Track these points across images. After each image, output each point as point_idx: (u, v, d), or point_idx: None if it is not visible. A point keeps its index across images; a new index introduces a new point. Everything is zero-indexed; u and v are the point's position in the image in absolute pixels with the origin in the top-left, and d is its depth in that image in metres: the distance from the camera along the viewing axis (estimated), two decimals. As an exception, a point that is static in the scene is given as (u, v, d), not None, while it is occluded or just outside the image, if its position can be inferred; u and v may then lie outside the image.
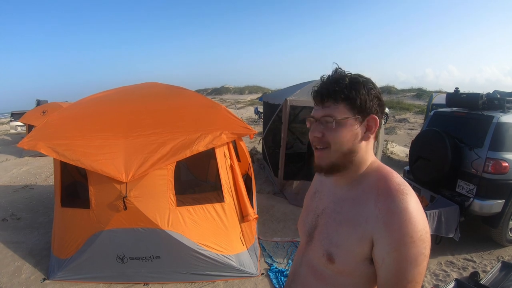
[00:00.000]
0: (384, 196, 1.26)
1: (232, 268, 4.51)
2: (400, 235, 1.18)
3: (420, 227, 1.19)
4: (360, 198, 1.34)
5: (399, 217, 1.19)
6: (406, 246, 1.17)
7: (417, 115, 24.80)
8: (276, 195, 7.91)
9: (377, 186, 1.31)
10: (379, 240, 1.23)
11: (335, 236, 1.38)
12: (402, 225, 1.18)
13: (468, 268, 5.01)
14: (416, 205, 1.23)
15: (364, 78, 1.34)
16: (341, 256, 1.34)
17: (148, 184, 4.22)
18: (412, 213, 1.19)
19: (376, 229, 1.24)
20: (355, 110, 1.32)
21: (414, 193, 1.27)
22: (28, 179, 10.54)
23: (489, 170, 5.12)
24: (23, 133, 17.69)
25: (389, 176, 1.33)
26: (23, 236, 6.03)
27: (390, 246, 1.20)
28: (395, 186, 1.27)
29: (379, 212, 1.24)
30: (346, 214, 1.37)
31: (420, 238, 1.18)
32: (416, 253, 1.18)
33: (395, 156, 11.66)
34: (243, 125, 4.77)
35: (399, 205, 1.21)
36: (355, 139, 1.34)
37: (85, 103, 5.57)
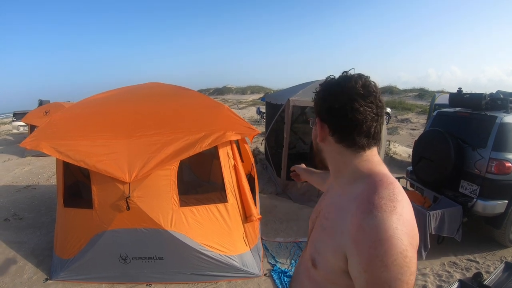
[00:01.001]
0: (360, 209, 1.16)
1: (235, 268, 4.51)
2: (369, 257, 1.07)
3: (396, 251, 1.05)
4: (343, 207, 1.26)
5: (369, 236, 1.08)
6: (376, 270, 1.05)
7: (419, 115, 24.77)
8: (279, 196, 7.91)
9: (359, 197, 1.21)
10: (350, 257, 1.14)
11: (318, 242, 1.35)
12: (372, 246, 1.07)
13: (471, 268, 5.00)
14: (397, 225, 1.09)
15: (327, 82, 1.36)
16: (321, 263, 1.31)
17: (151, 184, 4.21)
18: (386, 234, 1.06)
19: (347, 245, 1.15)
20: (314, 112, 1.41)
21: (399, 210, 1.12)
22: (31, 179, 10.56)
23: (492, 171, 5.10)
24: (25, 133, 17.70)
25: (377, 186, 1.21)
26: (25, 236, 6.03)
27: (360, 266, 1.10)
28: (376, 200, 1.14)
29: (351, 227, 1.15)
30: (331, 221, 1.32)
31: (395, 263, 1.04)
32: (389, 279, 1.05)
33: (397, 156, 11.63)
34: (246, 125, 4.76)
35: (371, 223, 1.09)
36: (315, 138, 1.41)
37: (88, 103, 5.56)
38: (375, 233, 1.07)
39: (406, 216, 1.13)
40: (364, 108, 1.24)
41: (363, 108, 1.24)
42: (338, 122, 1.29)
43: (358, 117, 1.25)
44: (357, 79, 1.27)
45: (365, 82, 1.27)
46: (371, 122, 1.26)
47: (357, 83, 1.26)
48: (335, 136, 1.31)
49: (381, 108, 1.28)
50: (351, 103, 1.25)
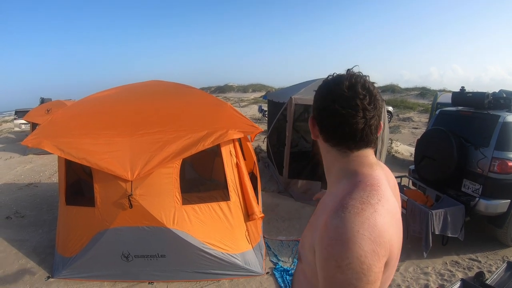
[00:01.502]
0: (330, 208, 1.17)
1: (238, 266, 4.51)
2: (326, 255, 1.07)
3: (351, 254, 1.02)
4: (325, 204, 1.27)
5: (328, 234, 1.08)
6: (331, 269, 1.04)
7: (421, 114, 24.73)
8: (281, 194, 7.92)
9: (336, 195, 1.22)
10: (316, 253, 1.15)
11: (304, 237, 1.36)
12: (329, 244, 1.06)
13: (474, 268, 5.00)
14: (359, 228, 1.05)
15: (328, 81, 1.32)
16: (304, 258, 1.32)
17: (154, 182, 4.21)
18: (344, 235, 1.05)
19: (316, 241, 1.15)
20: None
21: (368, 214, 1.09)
22: (32, 177, 10.57)
23: (495, 170, 5.09)
24: (27, 131, 17.73)
25: (353, 187, 1.21)
26: (27, 234, 6.04)
27: (319, 264, 1.11)
28: (346, 200, 1.15)
29: (320, 223, 1.16)
30: (315, 218, 1.32)
31: (349, 267, 1.01)
32: (341, 281, 1.02)
33: (399, 155, 11.63)
34: (249, 123, 4.76)
35: (334, 222, 1.09)
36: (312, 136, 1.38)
37: (90, 101, 5.56)
38: (335, 233, 1.07)
39: (375, 221, 1.09)
40: (347, 111, 1.21)
41: (346, 111, 1.21)
42: (323, 122, 1.30)
43: (338, 120, 1.24)
44: (344, 80, 1.25)
45: (353, 83, 1.24)
46: (355, 124, 1.22)
47: (343, 84, 1.24)
48: (322, 135, 1.33)
49: (370, 110, 1.23)
50: (332, 105, 1.24)
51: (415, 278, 4.73)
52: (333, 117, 1.24)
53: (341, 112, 1.22)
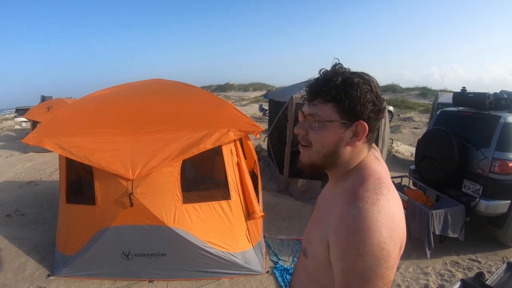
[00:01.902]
0: (344, 200, 1.18)
1: (238, 265, 4.51)
2: (345, 245, 1.08)
3: (372, 241, 1.04)
4: (333, 199, 1.29)
5: (347, 225, 1.10)
6: (352, 258, 1.06)
7: (422, 114, 24.71)
8: (281, 193, 7.92)
9: (348, 189, 1.23)
10: (331, 245, 1.17)
11: (309, 233, 1.38)
12: (349, 234, 1.08)
13: (473, 268, 5.00)
14: (377, 216, 1.08)
15: (362, 79, 1.24)
16: (311, 253, 1.34)
17: (155, 181, 4.21)
18: (364, 223, 1.07)
19: (330, 234, 1.18)
20: (343, 113, 1.24)
21: (383, 203, 1.13)
22: (33, 174, 10.58)
23: (496, 171, 5.09)
24: (28, 129, 17.74)
25: (364, 180, 1.23)
26: (28, 232, 6.04)
27: (337, 254, 1.12)
28: (361, 192, 1.17)
29: (335, 216, 1.17)
30: (320, 213, 1.36)
31: (370, 254, 1.04)
32: (363, 268, 1.05)
33: (400, 155, 11.62)
34: (250, 122, 4.76)
35: (352, 212, 1.11)
36: (339, 143, 1.27)
37: (91, 99, 5.56)
38: (354, 222, 1.08)
39: (389, 210, 1.12)
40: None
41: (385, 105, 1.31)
42: (375, 122, 1.28)
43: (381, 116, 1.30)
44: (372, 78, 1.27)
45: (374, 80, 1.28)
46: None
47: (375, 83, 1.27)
48: (368, 136, 1.28)
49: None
50: (382, 103, 1.27)
51: (415, 278, 4.73)
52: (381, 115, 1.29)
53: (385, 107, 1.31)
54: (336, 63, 1.29)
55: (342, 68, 1.27)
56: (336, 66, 1.28)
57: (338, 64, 1.28)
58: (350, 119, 1.24)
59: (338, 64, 1.28)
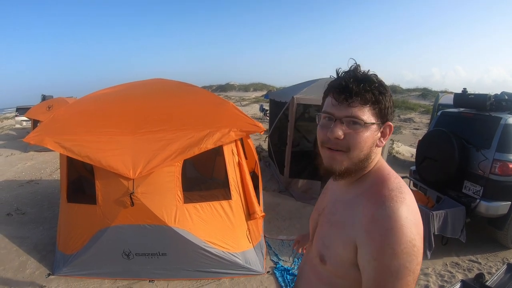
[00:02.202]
0: (372, 201, 1.20)
1: (238, 265, 4.51)
2: (381, 245, 1.11)
3: (406, 239, 1.09)
4: (352, 201, 1.30)
5: (381, 225, 1.13)
6: (386, 257, 1.10)
7: (422, 115, 24.67)
8: (282, 193, 7.92)
9: (369, 190, 1.26)
10: (360, 246, 1.18)
11: (327, 237, 1.37)
12: (383, 234, 1.11)
13: (473, 269, 5.01)
14: (406, 214, 1.13)
15: (383, 82, 1.27)
16: (331, 258, 1.33)
17: (156, 180, 4.21)
18: (397, 223, 1.11)
19: (359, 235, 1.19)
20: (379, 115, 1.26)
21: (408, 201, 1.17)
22: (33, 174, 10.58)
23: (496, 172, 5.09)
24: (28, 128, 17.73)
25: (385, 180, 1.26)
26: (28, 231, 6.05)
27: (370, 255, 1.14)
28: (386, 192, 1.19)
29: (363, 217, 1.19)
30: (338, 216, 1.35)
31: (404, 251, 1.09)
32: (397, 266, 1.09)
33: (400, 156, 11.61)
34: (251, 122, 4.75)
35: (383, 213, 1.14)
36: (373, 145, 1.28)
37: (92, 98, 5.56)
38: (387, 222, 1.12)
39: (414, 207, 1.18)
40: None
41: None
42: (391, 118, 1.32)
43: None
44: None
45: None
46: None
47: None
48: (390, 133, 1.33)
49: None
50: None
51: (415, 279, 4.74)
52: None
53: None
54: (357, 64, 1.30)
55: (365, 70, 1.29)
56: (358, 68, 1.29)
57: (358, 65, 1.30)
58: (382, 121, 1.28)
59: (358, 65, 1.30)
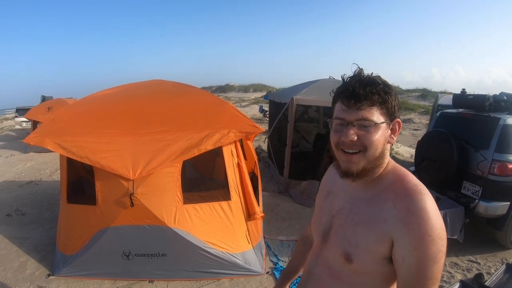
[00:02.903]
0: (402, 196, 1.29)
1: (238, 266, 4.52)
2: (420, 234, 1.20)
3: (438, 226, 1.22)
4: (377, 199, 1.35)
5: (418, 216, 1.22)
6: (426, 244, 1.20)
7: (422, 116, 24.67)
8: (281, 194, 7.91)
9: (394, 186, 1.34)
10: (399, 239, 1.25)
11: (353, 236, 1.39)
12: (422, 224, 1.21)
13: (472, 269, 5.02)
14: (433, 205, 1.25)
15: (387, 82, 1.36)
16: (359, 256, 1.36)
17: (155, 181, 4.22)
18: (430, 212, 1.22)
19: (395, 229, 1.26)
20: (387, 114, 1.34)
21: (429, 193, 1.28)
22: (33, 174, 10.59)
23: (495, 172, 5.10)
24: (28, 129, 17.75)
25: (405, 177, 1.35)
26: (28, 232, 6.06)
27: (411, 245, 1.22)
28: (412, 187, 1.29)
29: (397, 212, 1.27)
30: (363, 215, 1.38)
31: (439, 236, 1.21)
32: (435, 251, 1.20)
33: (400, 157, 11.61)
34: (251, 123, 4.76)
35: (418, 205, 1.23)
36: (385, 142, 1.36)
37: (92, 100, 5.58)
38: (423, 213, 1.22)
39: (433, 198, 1.29)
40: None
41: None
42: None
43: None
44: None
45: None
46: None
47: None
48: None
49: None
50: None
51: (414, 279, 4.74)
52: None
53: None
54: (361, 69, 1.38)
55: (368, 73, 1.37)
56: (362, 72, 1.37)
57: (361, 69, 1.38)
58: (390, 119, 1.37)
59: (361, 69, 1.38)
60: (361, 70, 1.37)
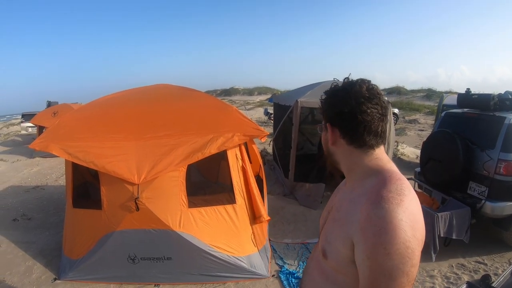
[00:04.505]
0: (369, 202, 1.25)
1: (243, 269, 4.52)
2: (373, 244, 1.16)
3: (399, 241, 1.13)
4: (355, 200, 1.35)
5: (374, 225, 1.17)
6: (379, 257, 1.14)
7: (427, 116, 24.59)
8: (286, 197, 7.92)
9: (370, 191, 1.30)
10: (356, 245, 1.23)
11: (330, 233, 1.42)
12: (376, 234, 1.15)
13: (480, 271, 4.98)
14: (402, 216, 1.16)
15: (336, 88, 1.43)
16: (331, 253, 1.37)
17: (160, 185, 4.23)
18: (391, 224, 1.15)
19: (355, 233, 1.24)
20: (323, 118, 1.49)
21: (406, 203, 1.20)
22: (39, 179, 10.64)
23: (501, 172, 5.06)
24: (34, 134, 17.82)
25: (385, 181, 1.29)
26: (34, 236, 6.09)
27: (364, 254, 1.19)
28: (384, 193, 1.23)
29: (360, 216, 1.24)
30: (341, 214, 1.40)
31: (397, 252, 1.12)
32: (390, 267, 1.13)
33: (405, 158, 11.57)
34: (255, 126, 4.76)
35: (378, 213, 1.18)
36: (326, 143, 1.49)
37: (97, 104, 5.60)
38: (381, 222, 1.16)
39: (412, 210, 1.20)
40: (371, 110, 1.33)
41: (370, 110, 1.33)
42: (349, 125, 1.37)
43: (366, 119, 1.33)
44: (361, 83, 1.37)
45: (368, 85, 1.37)
46: (378, 122, 1.35)
47: (362, 87, 1.35)
48: (346, 139, 1.40)
49: (385, 108, 1.37)
50: (359, 106, 1.33)
51: (421, 281, 4.72)
52: (361, 117, 1.34)
53: (368, 112, 1.33)
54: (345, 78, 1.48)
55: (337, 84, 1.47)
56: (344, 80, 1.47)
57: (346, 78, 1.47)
58: (325, 122, 1.47)
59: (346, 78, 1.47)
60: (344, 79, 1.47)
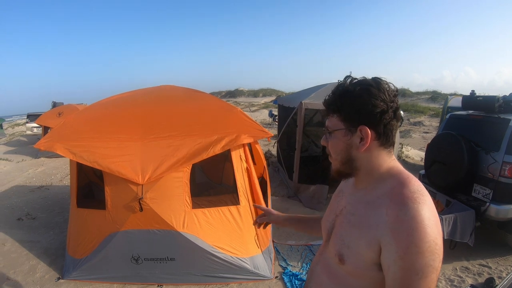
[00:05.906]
0: (395, 202, 1.25)
1: (247, 270, 4.52)
2: (406, 244, 1.16)
3: (429, 238, 1.15)
4: (374, 203, 1.34)
5: (406, 225, 1.17)
6: (412, 256, 1.15)
7: (432, 118, 24.53)
8: (291, 198, 7.90)
9: (391, 192, 1.30)
10: (386, 246, 1.22)
11: (347, 237, 1.40)
12: (409, 234, 1.16)
13: (484, 274, 4.96)
14: (429, 215, 1.19)
15: (362, 86, 1.34)
16: (351, 257, 1.36)
17: (164, 186, 4.24)
18: (422, 223, 1.16)
19: (384, 235, 1.23)
20: (345, 121, 1.37)
21: (429, 202, 1.24)
22: (44, 179, 10.67)
23: (506, 174, 5.04)
24: (39, 135, 17.90)
25: (405, 182, 1.30)
26: (38, 236, 6.11)
27: (396, 254, 1.18)
28: (408, 194, 1.25)
29: (388, 218, 1.23)
30: (359, 217, 1.38)
31: (428, 250, 1.15)
32: (423, 264, 1.15)
33: (410, 160, 11.56)
34: (259, 128, 4.77)
35: (408, 213, 1.19)
36: (350, 149, 1.39)
37: (102, 105, 5.61)
38: (412, 222, 1.17)
39: (433, 208, 1.24)
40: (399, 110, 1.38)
41: (399, 110, 1.37)
42: (385, 125, 1.35)
43: (397, 119, 1.37)
44: (380, 80, 1.36)
45: (386, 81, 1.36)
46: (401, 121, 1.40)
47: (385, 83, 1.35)
48: (381, 140, 1.36)
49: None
50: (395, 102, 1.35)
51: (425, 283, 4.70)
52: (394, 118, 1.36)
53: (399, 112, 1.37)
54: (346, 76, 1.42)
55: (346, 81, 1.40)
56: (346, 79, 1.41)
57: (348, 77, 1.41)
58: (353, 126, 1.36)
59: (349, 77, 1.41)
60: (345, 77, 1.42)
